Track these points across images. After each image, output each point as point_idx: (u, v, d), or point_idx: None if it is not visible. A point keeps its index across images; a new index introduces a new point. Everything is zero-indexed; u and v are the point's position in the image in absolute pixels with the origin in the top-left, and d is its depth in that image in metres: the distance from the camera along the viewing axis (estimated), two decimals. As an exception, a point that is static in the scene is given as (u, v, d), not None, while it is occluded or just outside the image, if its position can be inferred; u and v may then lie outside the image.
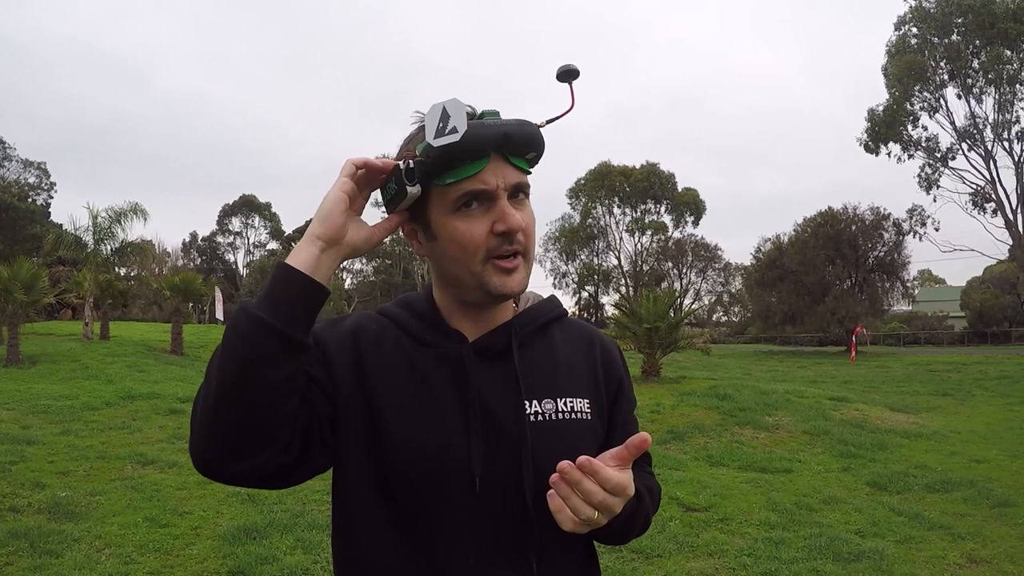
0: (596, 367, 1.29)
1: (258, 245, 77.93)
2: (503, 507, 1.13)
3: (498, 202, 1.10)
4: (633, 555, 5.06)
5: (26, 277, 18.97)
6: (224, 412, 0.99)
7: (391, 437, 1.12)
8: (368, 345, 1.19)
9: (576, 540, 1.17)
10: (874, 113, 39.81)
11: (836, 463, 8.26)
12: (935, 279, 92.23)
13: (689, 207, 61.72)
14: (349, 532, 1.18)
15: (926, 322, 54.27)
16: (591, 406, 1.23)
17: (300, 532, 5.25)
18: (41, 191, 58.61)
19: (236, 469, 1.04)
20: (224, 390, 0.99)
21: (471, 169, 1.08)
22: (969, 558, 5.13)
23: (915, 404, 13.90)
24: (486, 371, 1.17)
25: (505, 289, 1.13)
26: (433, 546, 1.12)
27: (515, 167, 1.12)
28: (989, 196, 38.02)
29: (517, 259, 1.13)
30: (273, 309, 1.00)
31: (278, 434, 1.03)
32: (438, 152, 1.06)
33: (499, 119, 1.11)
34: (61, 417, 9.32)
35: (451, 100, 1.04)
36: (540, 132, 1.14)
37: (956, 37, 36.81)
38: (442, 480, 1.12)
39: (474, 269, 1.13)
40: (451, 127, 1.03)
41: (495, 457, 1.13)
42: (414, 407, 1.14)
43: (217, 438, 1.01)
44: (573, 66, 1.18)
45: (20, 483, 6.25)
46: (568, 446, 1.14)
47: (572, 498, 1.03)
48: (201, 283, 26.88)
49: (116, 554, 4.81)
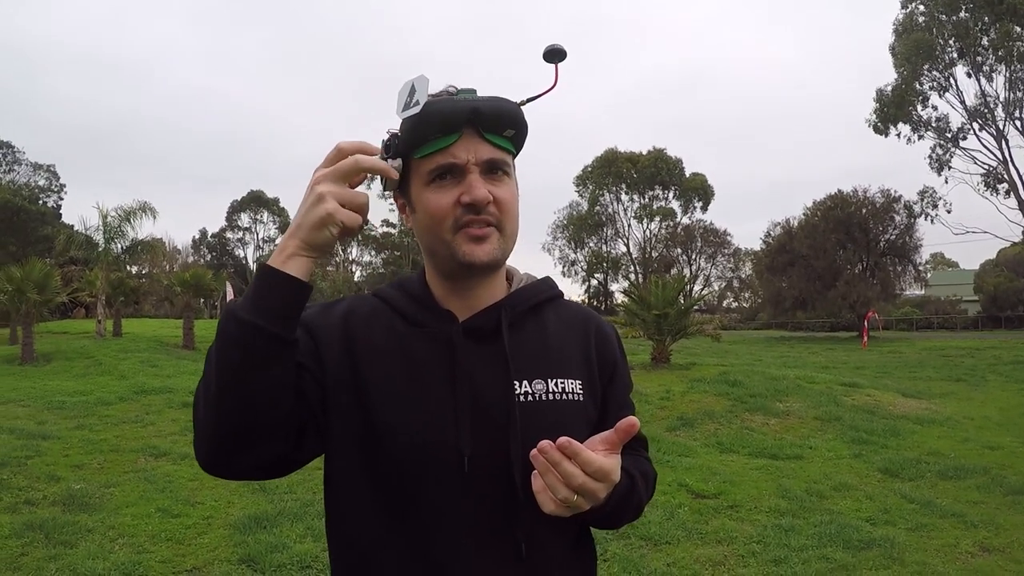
0: (590, 349, 1.28)
1: (267, 240, 78.02)
2: (492, 487, 1.13)
3: (468, 175, 1.12)
4: (641, 542, 5.06)
5: (39, 277, 19.17)
6: (222, 416, 1.02)
7: (380, 418, 1.14)
8: (359, 329, 1.20)
9: (567, 523, 1.15)
10: (882, 93, 39.33)
11: (847, 449, 8.22)
12: (948, 262, 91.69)
13: (697, 192, 61.54)
14: (340, 513, 1.19)
15: (939, 306, 53.95)
16: (583, 387, 1.23)
17: (310, 520, 5.29)
18: (51, 193, 59.02)
19: (239, 467, 1.08)
20: (220, 395, 1.01)
21: (442, 143, 1.10)
22: (982, 546, 5.09)
23: (928, 390, 13.83)
24: (475, 351, 1.18)
25: (472, 257, 1.13)
26: (423, 526, 1.13)
27: (491, 143, 1.12)
28: (1001, 177, 37.58)
29: (488, 228, 1.13)
30: (260, 311, 1.01)
31: (276, 430, 1.06)
32: (409, 126, 1.10)
33: (474, 96, 1.13)
34: (75, 412, 9.41)
35: (419, 76, 1.07)
36: (517, 109, 1.14)
37: (964, 14, 36.24)
38: (430, 460, 1.12)
39: (444, 237, 1.14)
40: (415, 101, 1.06)
41: (484, 437, 1.13)
42: (404, 388, 1.15)
43: (218, 440, 1.04)
44: (559, 46, 1.18)
45: (35, 476, 6.34)
46: (558, 427, 1.12)
47: (549, 476, 1.03)
48: (211, 279, 27.07)
49: (129, 544, 4.88)
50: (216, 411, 1.02)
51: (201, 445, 1.07)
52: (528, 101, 1.16)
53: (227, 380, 1.01)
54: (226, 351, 1.01)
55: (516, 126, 1.14)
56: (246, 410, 1.01)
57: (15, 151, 58.34)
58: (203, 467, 1.09)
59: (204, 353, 8.45)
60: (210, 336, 19.90)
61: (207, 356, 1.06)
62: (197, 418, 1.07)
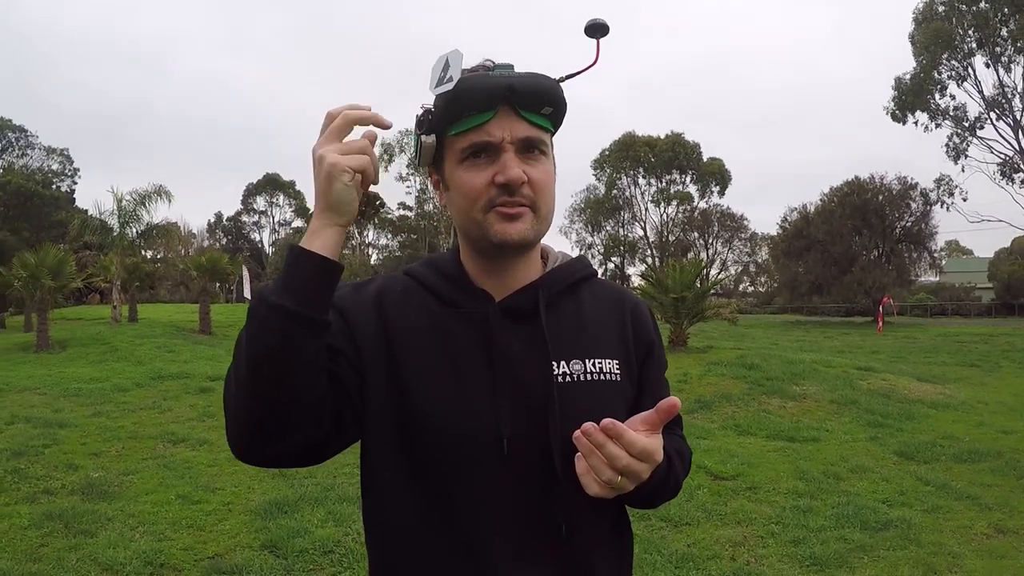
0: (626, 328, 1.26)
1: (283, 223, 78.22)
2: (531, 470, 1.11)
3: (503, 154, 1.09)
4: (662, 523, 5.08)
5: (53, 263, 19.19)
6: (254, 401, 1.00)
7: (417, 400, 1.12)
8: (393, 308, 1.18)
9: (607, 505, 1.15)
10: (901, 81, 39.10)
11: (863, 432, 8.21)
12: (963, 250, 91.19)
13: (715, 177, 61.22)
14: (377, 497, 1.18)
15: (953, 293, 53.71)
16: (620, 367, 1.21)
17: (331, 505, 5.31)
18: (65, 177, 59.22)
19: (272, 452, 1.05)
20: (252, 379, 0.99)
21: (476, 120, 1.07)
22: (996, 528, 5.10)
23: (942, 375, 13.77)
24: (513, 331, 1.16)
25: (505, 236, 1.11)
26: (461, 510, 1.11)
27: (527, 121, 1.09)
28: (1018, 166, 37.32)
29: (521, 208, 1.11)
30: (291, 293, 0.99)
31: (309, 415, 1.04)
32: (443, 102, 1.07)
33: (511, 71, 1.10)
34: (92, 399, 9.45)
35: (453, 51, 1.04)
36: (556, 86, 1.11)
37: (984, 4, 35.94)
38: (469, 442, 1.11)
39: (476, 217, 1.12)
40: (448, 76, 1.03)
41: (523, 419, 1.12)
42: (440, 369, 1.13)
43: (250, 426, 1.03)
44: (601, 20, 1.14)
45: (53, 465, 6.35)
46: (597, 408, 1.11)
47: (593, 458, 1.02)
48: (227, 263, 27.06)
49: (149, 531, 4.88)
50: (248, 396, 1.00)
51: (233, 432, 1.05)
52: (568, 78, 1.12)
53: (258, 364, 0.98)
54: (256, 334, 0.99)
55: (554, 103, 1.11)
56: (278, 394, 0.99)
57: (28, 135, 58.44)
58: (236, 455, 1.07)
59: (220, 338, 8.55)
60: (226, 320, 20.02)
61: (237, 341, 1.03)
62: (228, 405, 1.05)
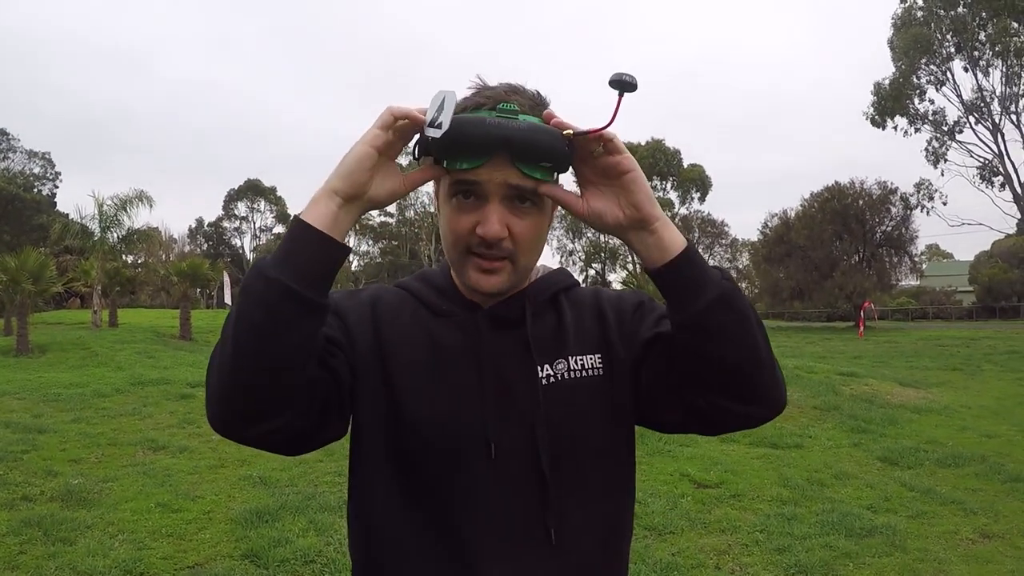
0: (606, 318, 1.25)
1: (264, 229, 78.05)
2: (519, 472, 1.13)
3: (488, 203, 1.07)
4: (646, 532, 5.06)
5: (33, 267, 19.04)
6: (241, 376, 0.97)
7: (407, 404, 1.13)
8: (386, 315, 1.20)
9: (597, 509, 1.17)
10: (880, 87, 39.55)
11: (846, 438, 8.24)
12: (943, 254, 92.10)
13: (695, 183, 61.56)
14: (365, 501, 1.19)
15: (934, 297, 54.23)
16: (602, 360, 1.21)
17: (312, 514, 5.26)
18: (46, 181, 58.96)
19: (253, 432, 1.03)
20: (241, 354, 0.96)
21: (469, 163, 1.05)
22: (982, 533, 5.13)
23: (924, 379, 13.88)
24: (500, 338, 1.18)
25: (479, 287, 1.12)
26: (450, 513, 1.12)
27: (521, 172, 1.05)
28: (997, 170, 37.84)
29: (498, 263, 1.11)
30: (291, 270, 0.96)
31: (295, 398, 1.02)
32: (440, 139, 1.02)
33: (513, 117, 1.04)
34: (72, 405, 9.34)
35: (450, 92, 1.00)
36: (555, 142, 1.03)
37: (962, 9, 36.46)
38: (458, 446, 1.13)
39: (454, 257, 1.14)
40: (439, 121, 0.98)
41: (510, 423, 1.14)
42: (430, 375, 1.15)
43: (234, 403, 1.00)
44: (629, 76, 1.02)
45: (32, 472, 6.26)
46: (580, 405, 1.16)
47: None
48: (208, 268, 27.00)
49: (129, 540, 4.82)
50: (231, 371, 0.97)
51: (212, 405, 1.02)
52: (578, 135, 1.03)
53: (246, 339, 0.96)
54: (248, 309, 0.96)
55: (554, 159, 1.05)
56: (263, 372, 0.96)
57: (10, 138, 58.20)
58: (214, 427, 1.04)
59: (201, 344, 8.46)
60: (207, 326, 19.85)
61: (227, 317, 1.01)
62: (210, 379, 1.02)
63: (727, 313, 1.03)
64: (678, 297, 1.04)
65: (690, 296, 1.03)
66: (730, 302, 1.04)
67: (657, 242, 1.04)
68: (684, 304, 1.03)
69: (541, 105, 1.11)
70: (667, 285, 1.05)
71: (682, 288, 1.04)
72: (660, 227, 1.04)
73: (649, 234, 1.05)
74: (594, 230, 1.14)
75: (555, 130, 1.03)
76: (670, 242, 1.04)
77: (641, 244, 1.06)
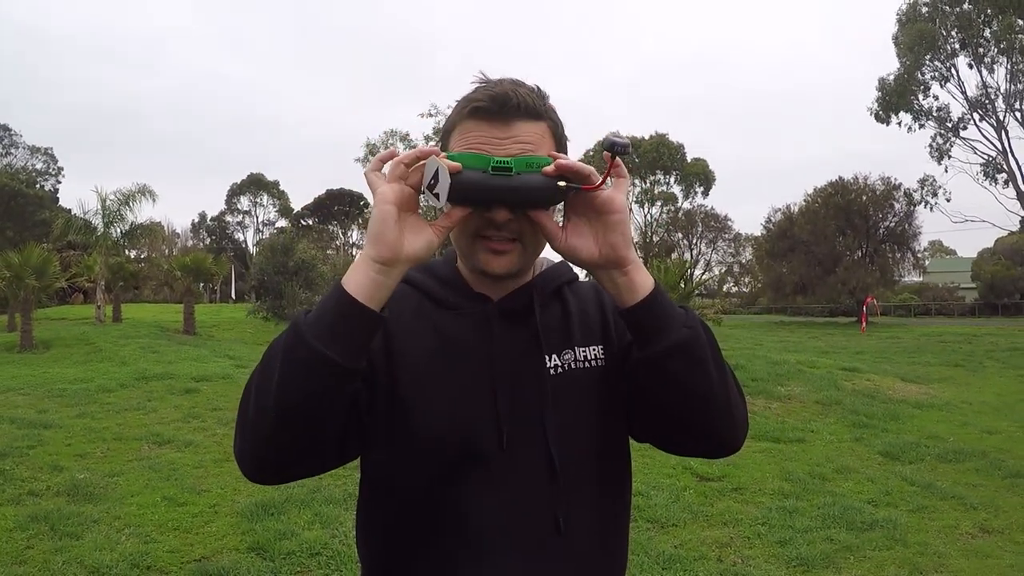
0: (606, 312, 1.29)
1: (267, 223, 77.88)
2: (529, 463, 1.15)
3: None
4: (648, 524, 5.09)
5: (37, 263, 19.12)
6: (283, 436, 1.02)
7: (418, 398, 1.15)
8: (392, 308, 1.18)
9: (604, 498, 1.21)
10: (885, 82, 39.30)
11: (848, 433, 8.26)
12: (946, 250, 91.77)
13: (699, 177, 61.27)
14: (375, 492, 1.22)
15: (937, 293, 54.10)
16: (604, 351, 1.25)
17: (318, 507, 5.29)
18: (49, 176, 58.95)
19: (285, 477, 1.11)
20: (280, 416, 1.00)
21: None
22: (982, 528, 5.15)
23: (926, 375, 13.87)
24: (508, 330, 1.20)
25: (488, 268, 1.16)
26: (461, 503, 1.14)
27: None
28: (1000, 167, 37.58)
29: (509, 244, 1.14)
30: (333, 342, 0.99)
31: (325, 447, 1.08)
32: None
33: (507, 174, 1.06)
34: (77, 400, 9.35)
35: (442, 165, 1.02)
36: (550, 193, 1.08)
37: (967, 6, 36.17)
38: (469, 436, 1.14)
39: (463, 243, 1.18)
40: (437, 190, 1.02)
41: (520, 413, 1.16)
42: (439, 366, 1.17)
43: (274, 453, 1.05)
44: (622, 140, 1.07)
45: (38, 467, 6.29)
46: (586, 395, 1.20)
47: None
48: (211, 263, 27.01)
49: (136, 534, 4.84)
50: (273, 427, 1.01)
51: (251, 457, 1.07)
52: (570, 188, 1.08)
53: (289, 401, 0.99)
54: (292, 376, 0.99)
55: (546, 206, 1.11)
56: (305, 430, 1.02)
57: (12, 134, 58.24)
58: (248, 476, 1.09)
59: (205, 338, 8.48)
60: (210, 321, 19.92)
61: (264, 365, 1.04)
62: (245, 434, 1.06)
63: (681, 360, 1.08)
64: (638, 338, 1.10)
65: (649, 339, 1.08)
66: (687, 350, 1.08)
67: (628, 284, 1.08)
68: (642, 346, 1.10)
69: (541, 98, 1.16)
70: (631, 325, 1.11)
71: (642, 330, 1.09)
72: (632, 270, 1.09)
73: (621, 275, 1.09)
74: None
75: (548, 184, 1.06)
76: (639, 285, 1.08)
77: (611, 283, 1.10)
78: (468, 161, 1.05)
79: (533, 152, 1.10)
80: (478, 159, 1.06)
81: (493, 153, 1.08)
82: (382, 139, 51.48)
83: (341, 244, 67.67)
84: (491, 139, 1.11)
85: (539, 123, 1.14)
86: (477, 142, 1.10)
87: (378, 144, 52.35)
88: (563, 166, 1.06)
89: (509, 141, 1.11)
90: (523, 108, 1.11)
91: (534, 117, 1.13)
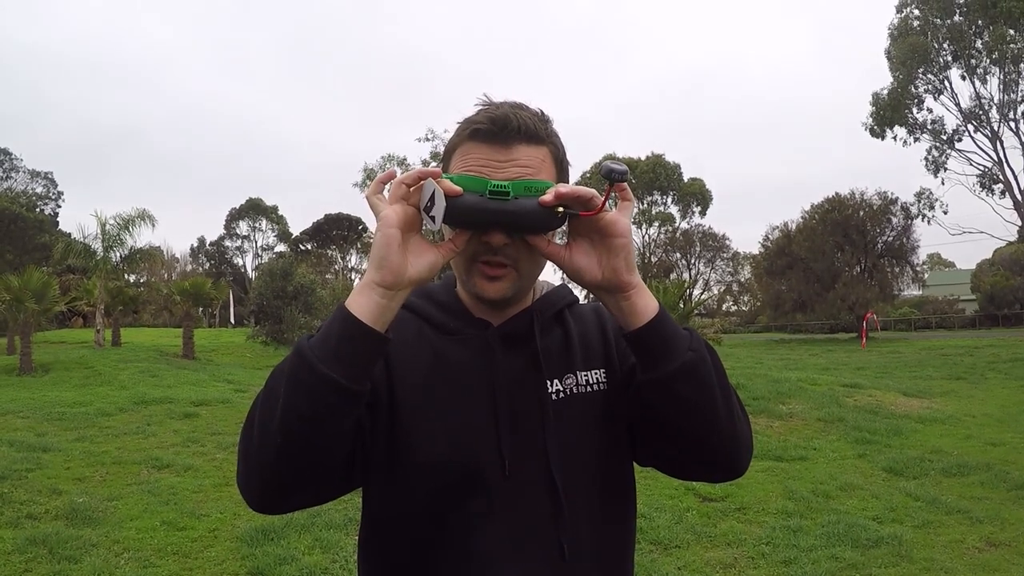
0: (607, 333, 1.28)
1: (266, 248, 77.92)
2: (532, 489, 1.14)
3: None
4: (651, 546, 5.05)
5: (37, 286, 19.12)
6: (288, 459, 1.00)
7: (418, 424, 1.14)
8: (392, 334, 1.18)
9: (609, 524, 1.19)
10: (879, 97, 39.52)
11: (851, 449, 8.23)
12: (945, 263, 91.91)
13: (696, 197, 61.51)
14: (378, 519, 1.20)
15: (937, 306, 54.19)
16: (607, 375, 1.24)
17: (318, 532, 5.25)
18: (48, 200, 59.07)
19: (290, 505, 1.10)
20: (284, 442, 0.99)
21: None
22: (988, 541, 5.12)
23: (928, 389, 13.84)
24: (509, 355, 1.19)
25: (484, 293, 1.15)
26: (464, 530, 1.12)
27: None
28: (997, 177, 37.73)
29: (502, 270, 1.13)
30: (338, 364, 0.98)
31: (331, 474, 1.07)
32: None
33: (504, 199, 1.05)
34: (76, 423, 9.33)
35: (438, 188, 1.01)
36: (547, 219, 1.06)
37: (958, 18, 36.47)
38: (472, 463, 1.13)
39: (461, 267, 1.17)
40: (432, 213, 1.01)
41: (523, 439, 1.15)
42: (441, 393, 1.16)
43: (273, 484, 1.04)
44: (620, 167, 1.06)
45: (37, 490, 6.26)
46: (588, 419, 1.18)
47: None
48: (210, 287, 26.98)
49: (135, 558, 4.82)
50: (277, 455, 0.99)
51: (255, 487, 1.05)
52: (566, 213, 1.07)
53: (293, 428, 0.98)
54: (297, 401, 0.98)
55: (543, 231, 1.10)
56: (309, 457, 1.00)
57: (12, 158, 58.42)
58: (253, 506, 1.07)
59: (204, 362, 8.45)
60: (210, 345, 19.88)
61: (268, 391, 1.02)
62: (248, 458, 1.04)
63: (686, 384, 1.06)
64: (642, 361, 1.09)
65: (654, 363, 1.07)
66: (692, 373, 1.06)
67: (630, 308, 1.07)
68: (646, 369, 1.08)
69: (543, 122, 1.15)
70: (635, 349, 1.09)
71: (646, 353, 1.08)
72: (634, 294, 1.07)
73: (623, 299, 1.08)
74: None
75: (544, 211, 1.05)
76: (643, 309, 1.07)
77: (615, 307, 1.09)
78: (466, 184, 1.04)
79: (533, 176, 1.10)
80: (476, 182, 1.05)
81: (492, 176, 1.07)
82: (379, 164, 51.83)
83: (340, 268, 67.68)
84: (491, 161, 1.10)
85: (540, 147, 1.13)
86: (477, 164, 1.10)
87: (376, 169, 52.73)
88: (562, 195, 1.04)
89: (509, 164, 1.10)
90: (523, 131, 1.11)
91: (535, 141, 1.13)
